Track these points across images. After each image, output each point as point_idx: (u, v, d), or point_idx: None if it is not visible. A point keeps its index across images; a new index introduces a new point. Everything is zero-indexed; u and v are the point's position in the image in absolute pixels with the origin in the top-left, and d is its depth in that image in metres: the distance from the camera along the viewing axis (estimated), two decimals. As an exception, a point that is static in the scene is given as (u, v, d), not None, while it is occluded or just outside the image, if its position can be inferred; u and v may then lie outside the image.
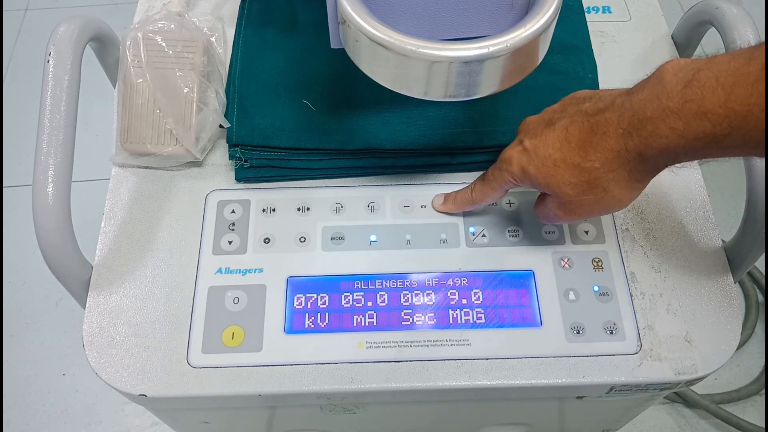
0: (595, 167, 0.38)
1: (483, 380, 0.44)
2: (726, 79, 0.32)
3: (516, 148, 0.43)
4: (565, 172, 0.39)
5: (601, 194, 0.39)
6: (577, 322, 0.46)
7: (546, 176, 0.40)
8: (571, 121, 0.40)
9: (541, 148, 0.40)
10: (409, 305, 0.46)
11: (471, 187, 0.48)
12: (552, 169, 0.40)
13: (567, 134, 0.39)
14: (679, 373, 0.44)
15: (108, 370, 0.44)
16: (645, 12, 0.59)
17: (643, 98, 0.36)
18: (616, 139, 0.37)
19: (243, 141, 0.49)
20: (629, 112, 0.36)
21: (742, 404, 1.03)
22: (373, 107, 0.50)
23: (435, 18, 0.43)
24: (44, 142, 0.42)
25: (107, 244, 0.48)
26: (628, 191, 0.39)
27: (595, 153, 0.38)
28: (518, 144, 0.43)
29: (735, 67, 0.32)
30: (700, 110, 0.33)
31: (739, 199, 0.47)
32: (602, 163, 0.38)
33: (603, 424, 0.60)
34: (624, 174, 0.38)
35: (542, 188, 0.42)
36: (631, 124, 0.36)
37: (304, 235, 0.49)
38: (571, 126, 0.39)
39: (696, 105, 0.33)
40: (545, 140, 0.40)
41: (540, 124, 0.42)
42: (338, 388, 0.44)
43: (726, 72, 0.33)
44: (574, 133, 0.39)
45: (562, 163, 0.39)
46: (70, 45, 0.45)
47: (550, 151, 0.40)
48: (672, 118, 0.34)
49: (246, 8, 0.56)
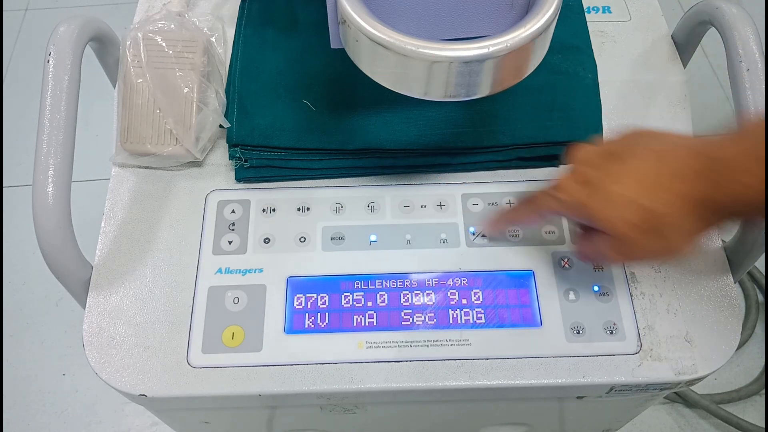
0: (662, 210, 0.37)
1: (483, 380, 0.44)
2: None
3: (573, 177, 0.40)
4: (627, 210, 0.37)
5: (661, 239, 0.38)
6: (577, 322, 0.46)
7: (606, 212, 0.38)
8: (640, 158, 0.38)
9: (605, 181, 0.38)
10: (409, 305, 0.46)
11: (515, 210, 0.46)
12: (614, 206, 0.38)
13: (636, 172, 0.38)
14: (679, 373, 0.44)
15: (108, 370, 0.44)
16: (645, 12, 0.59)
17: (726, 144, 0.35)
18: (691, 183, 0.36)
19: (243, 141, 0.49)
20: (709, 157, 0.35)
21: (742, 404, 1.03)
22: (373, 107, 0.50)
23: (435, 18, 0.43)
24: (44, 142, 0.42)
25: (107, 244, 0.48)
26: (687, 240, 0.38)
27: (665, 195, 0.36)
28: (577, 173, 0.40)
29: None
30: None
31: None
32: (670, 206, 0.36)
33: (603, 424, 0.60)
34: (689, 221, 0.36)
35: (598, 224, 0.39)
36: (711, 169, 0.35)
37: (304, 235, 0.49)
38: (640, 164, 0.38)
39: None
40: (610, 174, 0.38)
41: (602, 156, 0.40)
42: (338, 388, 0.44)
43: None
44: (643, 171, 0.37)
45: (626, 200, 0.37)
46: (70, 45, 0.45)
47: (615, 186, 0.38)
48: (756, 164, 0.33)
49: (246, 8, 0.56)
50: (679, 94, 0.54)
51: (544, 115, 0.50)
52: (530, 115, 0.50)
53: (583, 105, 0.50)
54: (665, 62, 0.56)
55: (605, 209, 0.38)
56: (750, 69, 0.46)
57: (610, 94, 0.54)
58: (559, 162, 0.52)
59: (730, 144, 0.35)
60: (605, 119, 0.51)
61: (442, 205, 0.50)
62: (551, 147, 0.50)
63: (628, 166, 0.38)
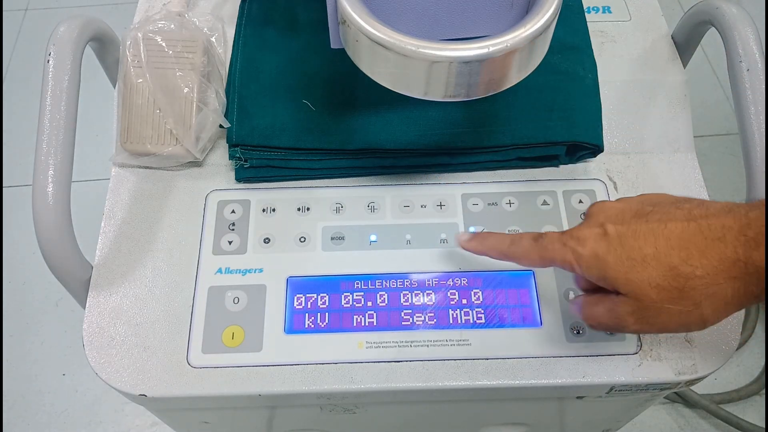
0: (696, 275, 0.33)
1: (483, 380, 0.44)
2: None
3: (593, 229, 0.36)
4: (654, 271, 0.34)
5: (690, 308, 0.34)
6: (577, 322, 0.46)
7: (627, 271, 0.34)
8: (671, 217, 0.34)
9: (629, 238, 0.35)
10: (409, 305, 0.46)
11: (512, 238, 0.41)
12: (637, 265, 0.34)
13: (665, 230, 0.34)
14: (679, 373, 0.44)
15: (108, 370, 0.44)
16: (645, 12, 0.59)
17: (756, 204, 0.32)
18: (736, 247, 0.32)
19: (243, 141, 0.49)
20: (745, 215, 0.32)
21: (742, 404, 1.03)
22: (373, 107, 0.50)
23: (435, 18, 0.43)
24: (44, 142, 0.42)
25: (107, 244, 0.48)
26: (719, 313, 0.34)
27: (702, 259, 0.33)
28: (597, 226, 0.36)
29: None
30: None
31: (739, 199, 0.46)
32: (707, 271, 0.33)
33: (603, 424, 0.60)
34: (727, 291, 0.33)
35: (617, 285, 0.35)
36: (749, 227, 0.32)
37: (304, 235, 0.49)
38: (670, 223, 0.34)
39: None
40: (635, 230, 0.35)
41: (625, 212, 0.37)
42: (338, 388, 0.44)
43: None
44: (674, 231, 0.34)
45: (653, 260, 0.34)
46: (70, 45, 0.45)
47: (640, 243, 0.34)
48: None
49: (246, 8, 0.56)
50: (679, 94, 0.54)
51: (544, 115, 0.50)
52: (530, 115, 0.50)
53: (583, 105, 0.50)
54: (665, 62, 0.56)
55: (628, 269, 0.34)
56: (750, 69, 0.46)
57: (610, 94, 0.54)
58: (559, 162, 0.52)
59: (759, 204, 0.33)
60: (605, 119, 0.51)
61: (442, 205, 0.50)
62: (551, 147, 0.50)
63: (656, 224, 0.35)
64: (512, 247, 0.41)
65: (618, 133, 0.53)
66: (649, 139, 0.53)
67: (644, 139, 0.53)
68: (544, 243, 0.39)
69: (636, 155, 0.53)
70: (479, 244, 0.43)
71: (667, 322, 0.35)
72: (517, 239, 0.41)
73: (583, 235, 0.37)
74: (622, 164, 0.52)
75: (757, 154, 0.45)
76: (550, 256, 0.38)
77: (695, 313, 0.34)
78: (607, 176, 0.52)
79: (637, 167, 0.52)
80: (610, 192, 0.51)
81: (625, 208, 0.37)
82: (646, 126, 0.53)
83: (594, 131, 0.50)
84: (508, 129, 0.50)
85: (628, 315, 0.36)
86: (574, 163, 0.52)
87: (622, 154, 0.53)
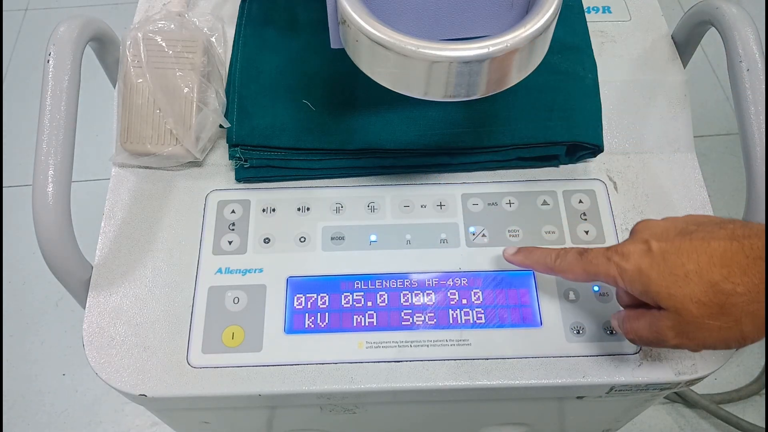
0: (737, 292, 0.34)
1: (483, 380, 0.44)
2: None
3: (637, 245, 0.38)
4: (696, 287, 0.35)
5: (731, 324, 0.35)
6: (577, 322, 0.46)
7: (670, 287, 0.35)
8: (713, 236, 0.35)
9: (673, 254, 0.36)
10: (409, 305, 0.46)
11: (558, 253, 0.42)
12: (680, 280, 0.35)
13: (708, 248, 0.35)
14: (679, 373, 0.44)
15: (108, 370, 0.44)
16: (645, 12, 0.59)
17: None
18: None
19: (243, 141, 0.49)
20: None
21: (742, 404, 1.03)
22: (373, 107, 0.50)
23: (435, 18, 0.43)
24: (44, 142, 0.42)
25: (107, 244, 0.48)
26: (759, 330, 0.35)
27: (743, 276, 0.34)
28: (641, 242, 0.38)
29: None
30: None
31: (739, 199, 0.47)
32: (748, 289, 0.34)
33: (603, 424, 0.60)
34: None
35: (659, 299, 0.36)
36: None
37: (304, 235, 0.49)
38: (713, 241, 0.35)
39: None
40: (679, 247, 0.36)
41: (669, 229, 0.38)
42: (338, 388, 0.44)
43: None
44: (717, 249, 0.35)
45: (695, 276, 0.35)
46: (70, 45, 0.45)
47: (683, 260, 0.35)
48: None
49: (246, 8, 0.56)
50: (679, 94, 0.54)
51: (544, 115, 0.50)
52: (530, 115, 0.50)
53: (583, 105, 0.50)
54: (665, 62, 0.56)
55: (671, 284, 0.35)
56: (750, 69, 0.46)
57: (610, 94, 0.54)
58: (559, 162, 0.52)
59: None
60: (605, 119, 0.51)
61: (442, 205, 0.50)
62: (551, 147, 0.50)
63: (699, 242, 0.36)
64: (558, 261, 0.42)
65: (618, 133, 0.53)
66: (649, 139, 0.53)
67: (644, 139, 0.53)
68: (589, 257, 0.40)
69: (636, 155, 0.53)
70: (525, 258, 0.45)
71: (707, 338, 0.36)
72: (563, 254, 0.42)
73: (628, 250, 0.38)
74: (622, 164, 0.52)
75: (757, 154, 0.45)
76: (594, 270, 0.39)
77: (735, 329, 0.35)
78: (607, 176, 0.52)
79: (637, 167, 0.52)
80: (610, 192, 0.51)
81: (669, 226, 0.38)
82: (646, 126, 0.53)
83: (594, 131, 0.50)
84: (508, 129, 0.50)
85: (668, 329, 0.37)
86: (574, 163, 0.52)
87: (622, 154, 0.53)
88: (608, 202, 0.50)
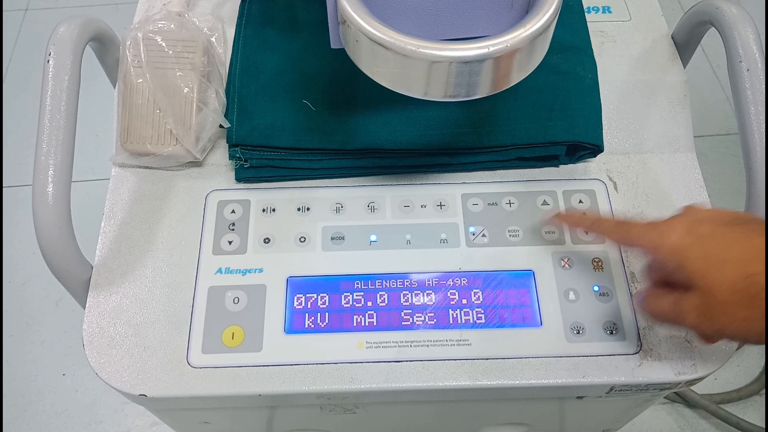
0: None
1: (483, 380, 0.44)
2: None
3: (683, 224, 0.39)
4: (731, 272, 0.36)
5: (757, 317, 0.35)
6: (577, 322, 0.46)
7: (706, 267, 0.37)
8: (758, 234, 0.36)
9: (715, 241, 0.37)
10: (409, 305, 0.46)
11: (597, 217, 0.45)
12: (717, 264, 0.36)
13: (749, 243, 0.36)
14: (679, 373, 0.44)
15: (108, 370, 0.44)
16: (645, 12, 0.59)
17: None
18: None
19: (243, 141, 0.49)
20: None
21: (742, 404, 1.03)
22: (373, 107, 0.50)
23: (435, 18, 0.43)
24: (44, 142, 0.42)
25: (107, 244, 0.48)
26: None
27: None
28: (687, 222, 0.39)
29: None
30: None
31: (739, 199, 0.46)
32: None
33: (603, 424, 0.60)
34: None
35: (693, 276, 0.37)
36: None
37: (304, 235, 0.49)
38: (755, 238, 0.36)
39: None
40: (720, 234, 0.37)
41: (714, 220, 0.39)
42: (338, 388, 0.44)
43: None
44: (758, 246, 0.36)
45: (732, 264, 0.36)
46: (70, 45, 0.45)
47: (724, 248, 0.37)
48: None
49: (246, 8, 0.56)
50: (679, 94, 0.54)
51: (544, 115, 0.50)
52: (530, 115, 0.50)
53: (583, 105, 0.50)
54: (665, 62, 0.56)
55: (706, 265, 0.36)
56: (750, 69, 0.46)
57: (610, 94, 0.54)
58: (559, 162, 0.52)
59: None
60: (605, 119, 0.51)
61: (442, 205, 0.50)
62: (551, 147, 0.50)
63: (740, 234, 0.37)
64: (599, 226, 0.46)
65: (618, 133, 0.53)
66: (649, 139, 0.53)
67: (644, 139, 0.53)
68: (633, 229, 0.42)
69: (636, 155, 0.53)
70: (567, 218, 0.49)
71: (729, 325, 0.36)
72: (610, 223, 0.45)
73: (672, 224, 0.39)
74: (622, 164, 0.52)
75: (757, 154, 0.45)
76: (634, 236, 0.41)
77: (759, 323, 0.35)
78: (607, 176, 0.52)
79: (637, 167, 0.52)
80: (610, 192, 0.51)
81: (716, 216, 0.39)
82: (646, 126, 0.53)
83: (594, 131, 0.50)
84: (508, 129, 0.50)
85: (692, 308, 0.38)
86: (574, 163, 0.52)
87: (622, 154, 0.53)
88: (608, 202, 0.50)
